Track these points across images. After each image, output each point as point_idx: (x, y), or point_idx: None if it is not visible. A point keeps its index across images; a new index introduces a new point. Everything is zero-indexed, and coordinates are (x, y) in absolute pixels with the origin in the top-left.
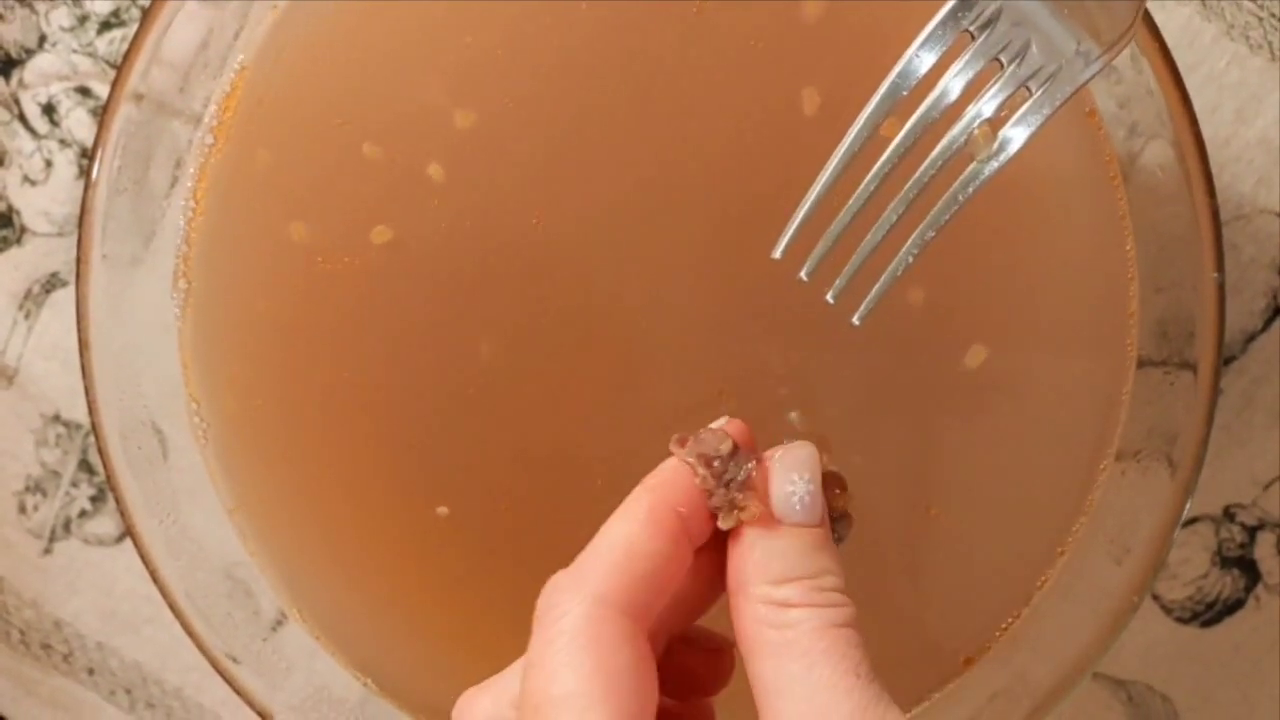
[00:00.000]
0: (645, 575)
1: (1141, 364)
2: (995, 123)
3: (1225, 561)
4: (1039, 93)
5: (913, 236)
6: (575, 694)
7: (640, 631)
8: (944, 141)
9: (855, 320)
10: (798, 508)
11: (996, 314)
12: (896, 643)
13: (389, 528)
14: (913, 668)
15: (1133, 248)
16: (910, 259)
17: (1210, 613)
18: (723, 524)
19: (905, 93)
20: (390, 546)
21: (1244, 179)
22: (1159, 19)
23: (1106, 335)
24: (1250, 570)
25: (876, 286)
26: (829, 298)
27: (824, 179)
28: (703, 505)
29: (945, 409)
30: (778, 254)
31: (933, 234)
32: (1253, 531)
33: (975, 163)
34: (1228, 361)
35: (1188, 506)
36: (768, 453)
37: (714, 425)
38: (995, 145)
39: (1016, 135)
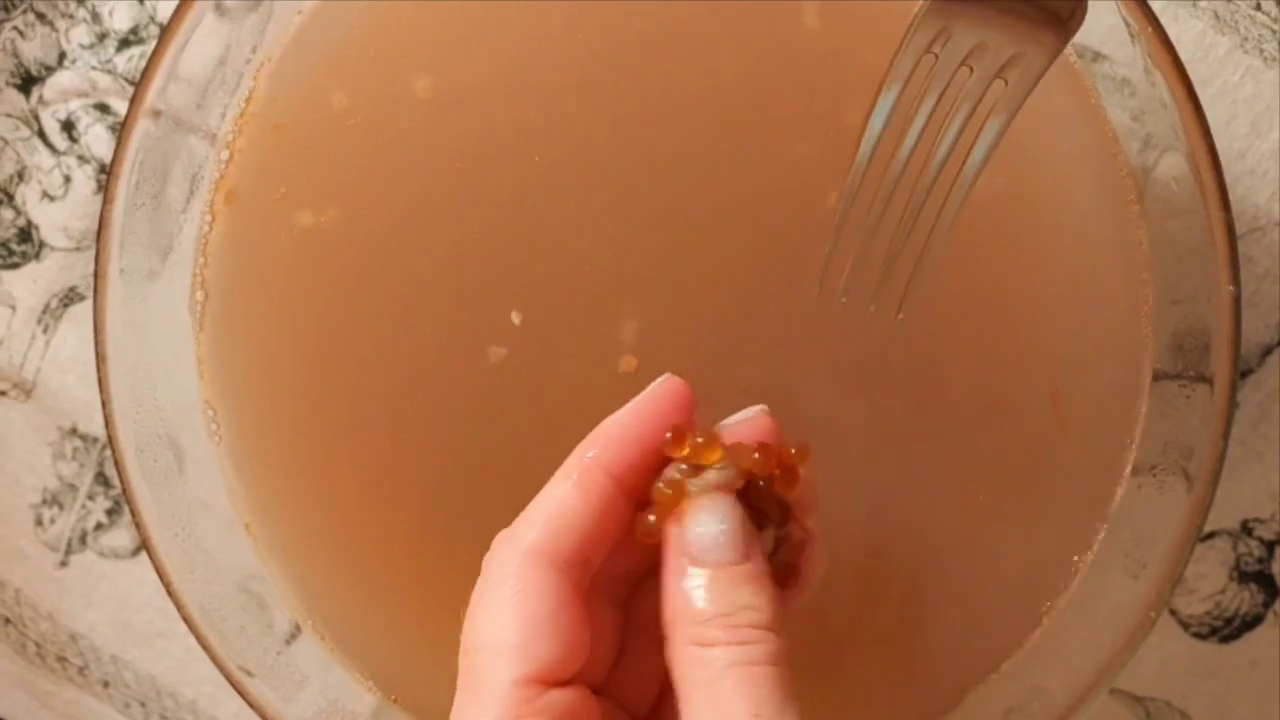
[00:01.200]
0: (573, 532)
1: (1157, 377)
2: (978, 117)
3: (1243, 576)
4: (1013, 79)
5: (932, 234)
6: (499, 642)
7: (569, 583)
8: (939, 153)
9: (900, 316)
10: (711, 549)
11: (1012, 326)
12: (910, 658)
13: (403, 541)
14: (926, 683)
15: (1148, 261)
16: (935, 248)
17: (1228, 628)
18: (641, 532)
19: (889, 122)
20: (405, 559)
21: (1259, 191)
22: (1172, 32)
23: (1122, 348)
24: (1269, 585)
25: (908, 281)
26: (888, 314)
27: (838, 218)
28: (638, 464)
29: (962, 421)
30: (818, 288)
31: (949, 223)
32: (1271, 546)
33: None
34: (1244, 375)
35: (1205, 521)
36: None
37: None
38: (983, 137)
39: (995, 125)
